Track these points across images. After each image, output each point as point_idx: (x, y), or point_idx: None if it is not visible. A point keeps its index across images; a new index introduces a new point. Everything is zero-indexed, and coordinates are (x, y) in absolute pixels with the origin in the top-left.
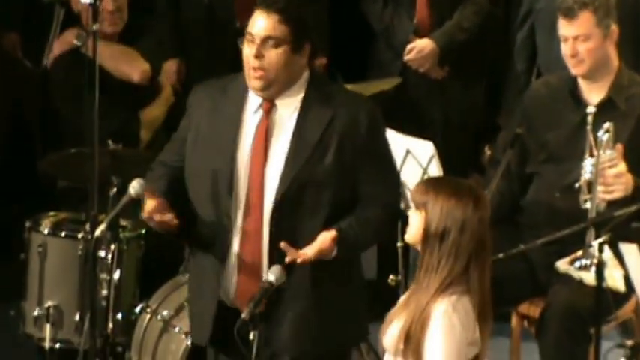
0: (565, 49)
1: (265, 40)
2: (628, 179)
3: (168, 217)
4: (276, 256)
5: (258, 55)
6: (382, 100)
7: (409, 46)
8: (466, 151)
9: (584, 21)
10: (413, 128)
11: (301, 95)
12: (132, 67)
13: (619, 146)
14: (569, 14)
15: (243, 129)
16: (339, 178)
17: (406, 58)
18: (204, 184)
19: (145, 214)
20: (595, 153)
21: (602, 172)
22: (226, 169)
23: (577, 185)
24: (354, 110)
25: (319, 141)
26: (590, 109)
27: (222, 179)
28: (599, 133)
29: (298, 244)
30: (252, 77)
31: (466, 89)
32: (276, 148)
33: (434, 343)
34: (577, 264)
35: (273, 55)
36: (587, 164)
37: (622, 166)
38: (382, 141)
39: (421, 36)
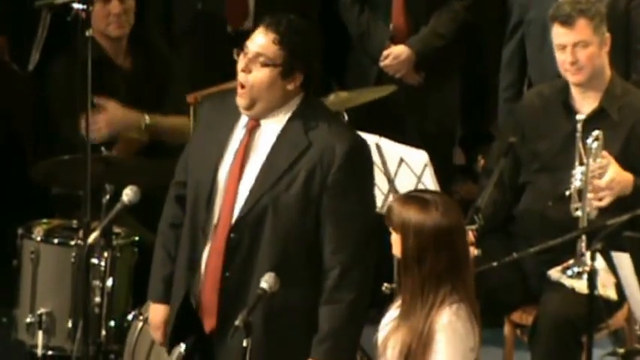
0: (564, 57)
1: (256, 56)
2: (622, 180)
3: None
4: (228, 278)
5: (245, 70)
6: (358, 106)
7: (385, 52)
8: (444, 156)
9: (583, 28)
10: (389, 134)
11: (286, 120)
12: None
13: (605, 153)
14: (568, 21)
15: (230, 145)
16: (301, 210)
17: (382, 64)
18: (190, 194)
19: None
20: (585, 161)
21: (592, 180)
22: (207, 181)
23: (568, 193)
24: (330, 144)
25: (288, 169)
26: (580, 117)
27: (203, 191)
28: (589, 141)
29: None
30: (238, 94)
31: (442, 95)
32: (250, 168)
33: (442, 354)
34: (569, 272)
35: (260, 73)
36: (577, 172)
37: (612, 172)
38: (355, 179)
39: (397, 42)
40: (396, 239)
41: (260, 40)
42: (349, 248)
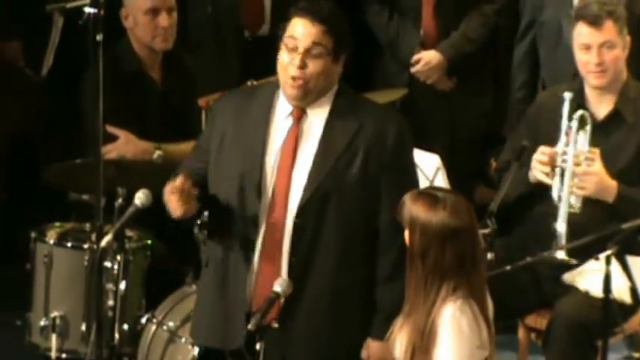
0: (588, 57)
1: (309, 49)
2: (601, 182)
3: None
4: (294, 262)
5: (302, 66)
6: None
7: (416, 57)
8: (473, 163)
9: (610, 28)
10: (420, 140)
11: (330, 105)
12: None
13: (595, 150)
14: (597, 22)
15: (272, 135)
16: (363, 189)
17: (413, 69)
18: (232, 187)
19: (168, 189)
20: (568, 141)
21: (575, 165)
22: (255, 172)
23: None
24: (381, 123)
25: (345, 150)
26: (567, 95)
27: (250, 183)
28: (574, 120)
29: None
30: (289, 86)
31: (473, 100)
32: (303, 155)
33: (444, 349)
34: None
35: (316, 65)
36: (569, 151)
37: (592, 167)
38: (408, 157)
39: (427, 47)
40: (406, 234)
41: (309, 32)
42: None
